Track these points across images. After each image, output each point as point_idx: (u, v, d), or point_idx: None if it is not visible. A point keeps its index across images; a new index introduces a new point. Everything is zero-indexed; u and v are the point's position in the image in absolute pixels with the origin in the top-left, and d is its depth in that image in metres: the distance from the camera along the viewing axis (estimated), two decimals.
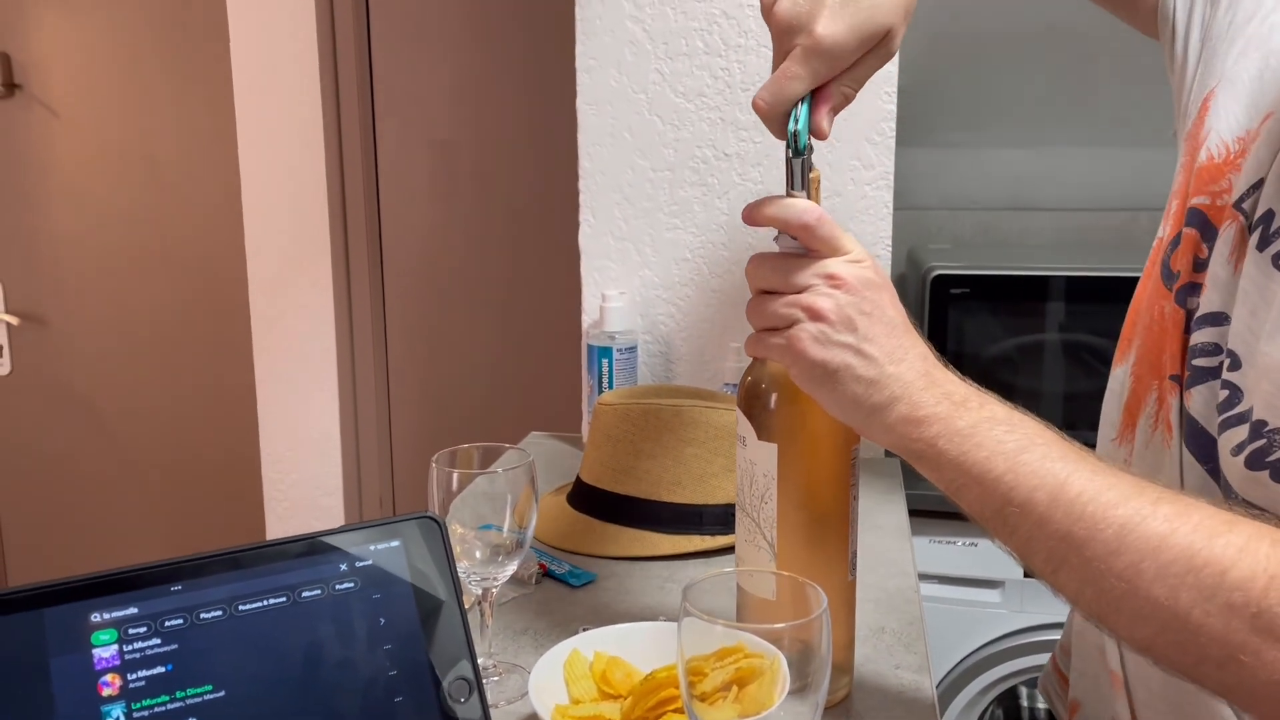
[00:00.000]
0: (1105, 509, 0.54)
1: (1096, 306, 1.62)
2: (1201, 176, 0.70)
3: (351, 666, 0.57)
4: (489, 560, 0.78)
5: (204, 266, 2.18)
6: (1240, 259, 0.62)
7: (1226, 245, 0.64)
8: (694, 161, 1.37)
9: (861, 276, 0.63)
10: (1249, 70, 0.70)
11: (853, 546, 0.74)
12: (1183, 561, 0.51)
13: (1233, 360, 0.60)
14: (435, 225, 2.07)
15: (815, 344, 0.62)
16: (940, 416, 0.60)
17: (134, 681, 0.53)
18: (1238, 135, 0.68)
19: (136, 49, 2.15)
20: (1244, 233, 0.63)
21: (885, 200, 1.35)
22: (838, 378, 0.62)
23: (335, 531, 0.59)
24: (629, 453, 1.09)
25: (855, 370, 0.61)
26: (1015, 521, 0.57)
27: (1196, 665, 0.52)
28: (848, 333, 0.62)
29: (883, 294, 0.63)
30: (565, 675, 0.73)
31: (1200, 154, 0.71)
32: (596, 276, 1.43)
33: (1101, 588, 0.53)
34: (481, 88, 1.99)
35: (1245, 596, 0.49)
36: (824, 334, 0.62)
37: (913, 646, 0.86)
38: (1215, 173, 0.69)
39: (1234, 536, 0.51)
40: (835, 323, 0.62)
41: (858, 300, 0.62)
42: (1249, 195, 0.63)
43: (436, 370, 2.11)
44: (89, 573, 0.53)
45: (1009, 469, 0.57)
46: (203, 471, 2.26)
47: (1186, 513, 0.52)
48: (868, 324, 0.62)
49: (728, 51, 1.34)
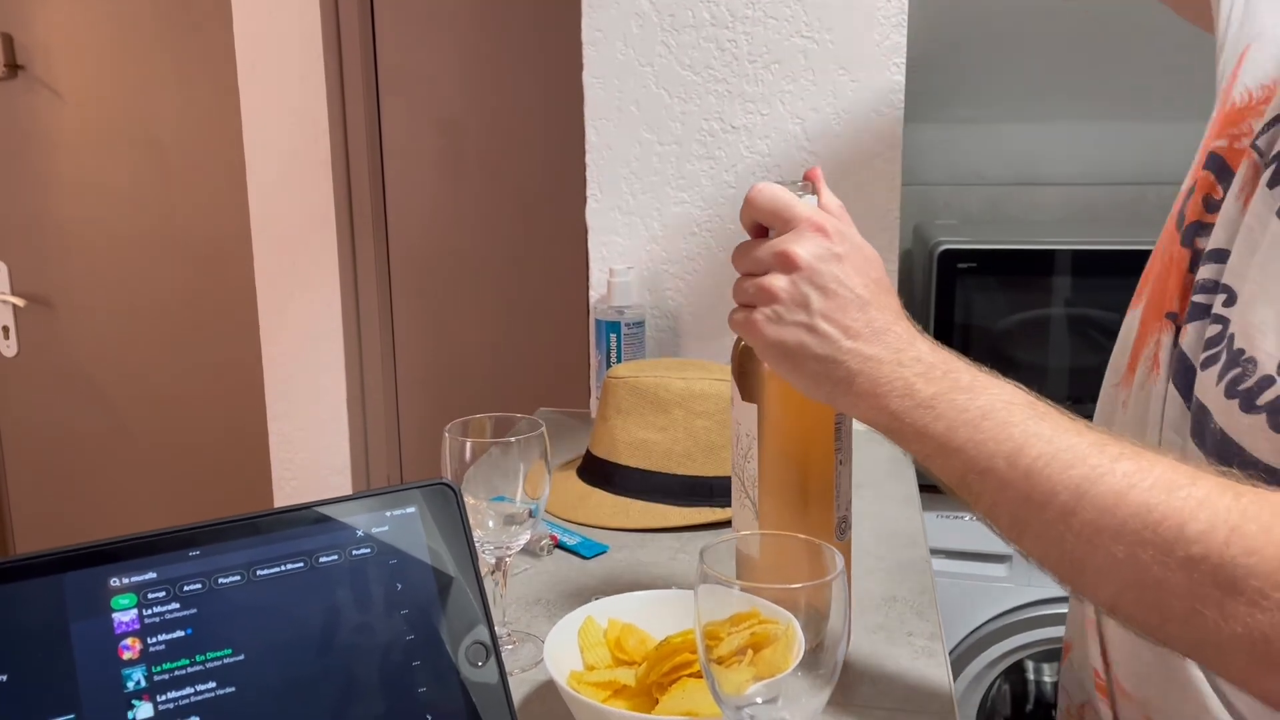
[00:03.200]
0: (1062, 469, 0.53)
1: (1104, 281, 1.62)
2: (1223, 121, 0.69)
3: (369, 631, 0.58)
4: (502, 530, 0.79)
5: (209, 247, 2.18)
6: (1250, 196, 0.62)
7: (1239, 183, 0.63)
8: (701, 134, 1.37)
9: (815, 250, 0.63)
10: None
11: (841, 510, 0.75)
12: (1140, 517, 0.50)
13: (1228, 296, 0.60)
14: (441, 203, 2.06)
15: (770, 324, 0.63)
16: (900, 391, 0.60)
17: (154, 645, 0.53)
18: (1263, 83, 0.68)
19: (139, 29, 2.14)
20: (1257, 169, 0.62)
21: (894, 173, 1.35)
22: (796, 357, 0.63)
23: (352, 498, 0.60)
24: (640, 425, 1.09)
25: (811, 349, 0.62)
26: (978, 489, 0.57)
27: (1162, 624, 0.51)
28: (801, 311, 0.62)
29: (844, 264, 0.63)
30: (580, 642, 0.73)
31: (1226, 104, 0.70)
32: (604, 251, 1.43)
33: (1064, 549, 0.53)
34: (487, 65, 1.98)
35: (1205, 549, 0.48)
36: (777, 314, 0.63)
37: (925, 614, 0.87)
38: (1237, 117, 0.68)
39: (1195, 490, 0.50)
40: (787, 302, 0.63)
41: (810, 275, 0.62)
42: (1265, 132, 0.63)
43: (443, 348, 2.11)
44: (108, 538, 0.53)
45: (969, 438, 0.57)
46: (210, 451, 2.27)
47: (1147, 469, 0.52)
48: (821, 300, 0.62)
49: (735, 23, 1.33)
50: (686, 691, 0.67)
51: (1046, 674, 1.86)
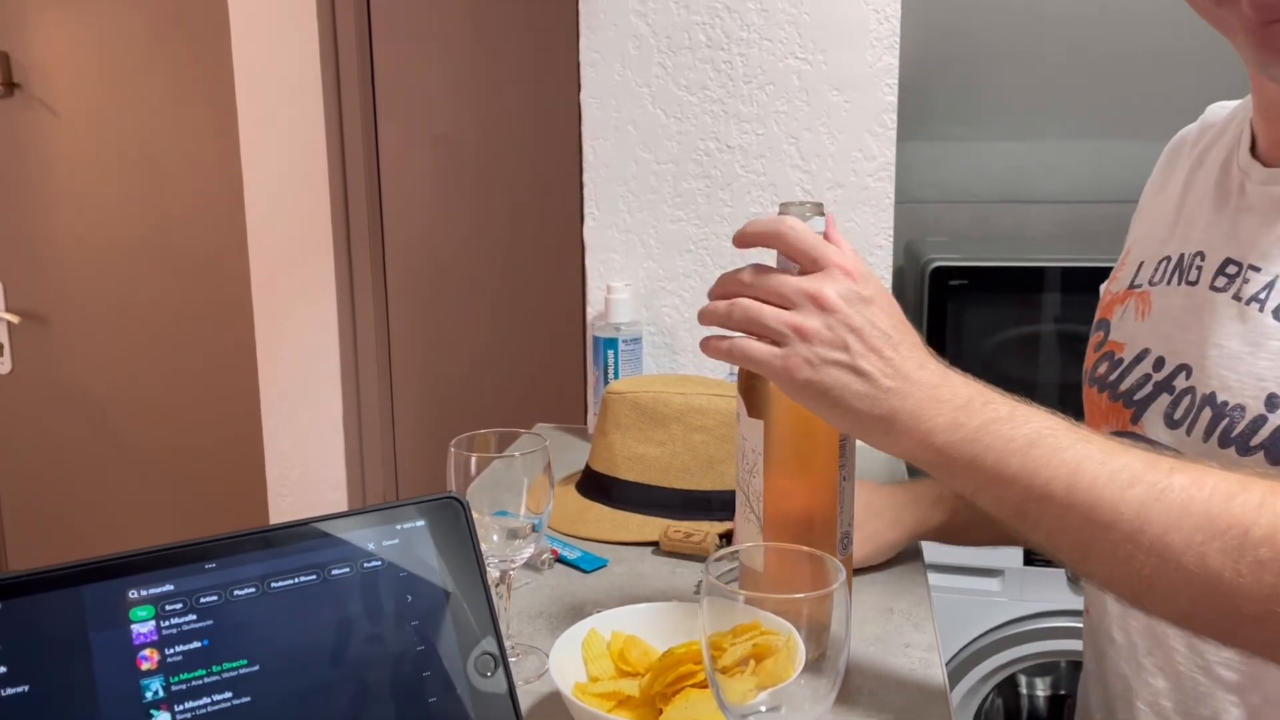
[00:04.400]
0: (1122, 489, 0.55)
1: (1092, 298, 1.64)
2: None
3: (380, 642, 0.59)
4: (505, 544, 0.80)
5: (206, 263, 2.19)
6: (1146, 310, 0.76)
7: (1129, 310, 0.78)
8: (697, 154, 1.39)
9: (847, 293, 0.64)
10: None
11: (844, 526, 0.76)
12: (1205, 527, 0.52)
13: (1186, 371, 0.70)
14: (437, 220, 2.08)
15: (808, 366, 0.63)
16: (944, 426, 0.61)
17: (171, 656, 0.54)
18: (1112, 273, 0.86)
19: (137, 48, 2.16)
20: (1144, 296, 0.77)
21: (887, 191, 1.37)
22: (834, 397, 0.63)
23: (363, 512, 0.61)
24: (638, 440, 1.11)
25: (852, 388, 0.62)
26: (1036, 517, 0.58)
27: (1236, 629, 0.53)
28: (839, 352, 0.63)
29: (872, 307, 0.64)
30: (584, 654, 0.74)
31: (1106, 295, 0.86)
32: (601, 269, 1.45)
33: (1132, 568, 0.55)
34: (483, 83, 2.00)
35: (1272, 551, 0.51)
36: (816, 355, 0.63)
37: (921, 626, 0.88)
38: (1101, 299, 0.85)
39: (1250, 495, 0.52)
40: (827, 342, 0.63)
41: (844, 318, 0.63)
42: (1141, 271, 0.79)
43: (439, 364, 2.12)
44: (125, 551, 0.55)
45: (1021, 466, 0.58)
46: (206, 467, 2.27)
47: (1200, 480, 0.54)
48: (858, 342, 0.63)
49: (730, 45, 1.35)
50: (690, 702, 0.68)
51: (1039, 688, 1.87)
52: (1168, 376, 0.72)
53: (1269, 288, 0.66)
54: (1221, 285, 0.70)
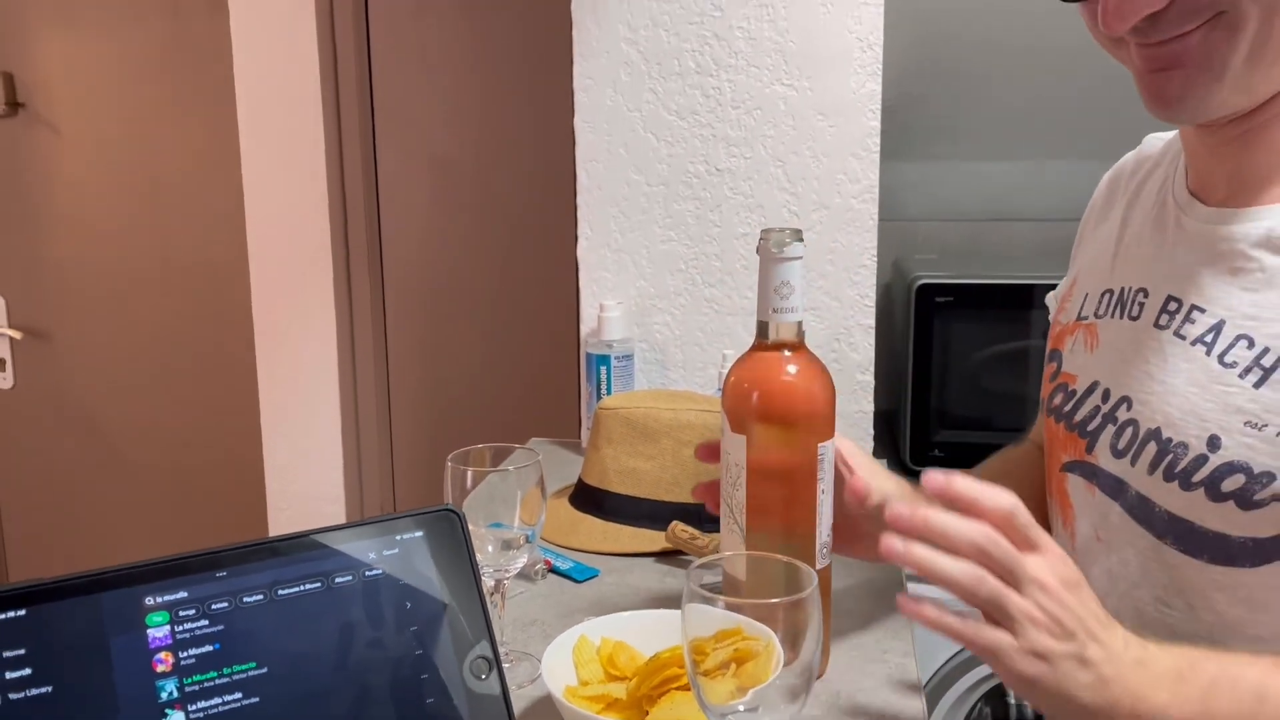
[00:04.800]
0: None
1: None
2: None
3: (381, 646, 0.62)
4: (500, 554, 0.83)
5: (207, 282, 2.22)
6: (1094, 343, 0.80)
7: (1079, 342, 0.82)
8: (687, 176, 1.43)
9: (1067, 578, 0.63)
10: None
11: (823, 536, 0.80)
12: None
13: (1127, 404, 0.74)
14: (435, 238, 2.12)
15: (1041, 660, 0.62)
16: (1168, 702, 0.62)
17: (185, 659, 0.58)
18: (1059, 302, 0.90)
19: (140, 68, 2.20)
20: (1091, 329, 0.81)
21: (871, 213, 1.41)
22: (1063, 690, 0.62)
23: (364, 523, 0.64)
24: (629, 454, 1.14)
25: (1080, 679, 0.62)
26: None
27: None
28: (1068, 642, 0.62)
29: (1083, 589, 0.64)
30: (574, 659, 0.78)
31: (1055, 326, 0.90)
32: (594, 287, 1.48)
33: None
34: (480, 106, 2.04)
35: None
36: (1048, 647, 0.62)
37: (899, 634, 0.92)
38: (1051, 329, 0.90)
39: None
40: (1056, 633, 0.62)
41: (1069, 605, 0.63)
42: (1089, 302, 0.83)
43: (437, 380, 2.16)
44: (142, 560, 0.58)
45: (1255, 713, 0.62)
46: (206, 482, 2.30)
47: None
48: (1081, 627, 0.62)
49: (718, 71, 1.40)
50: (674, 703, 0.71)
51: None
52: (1113, 407, 0.75)
53: (1214, 331, 0.70)
54: (1164, 323, 0.73)
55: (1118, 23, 0.65)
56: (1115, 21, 0.65)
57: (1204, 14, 0.64)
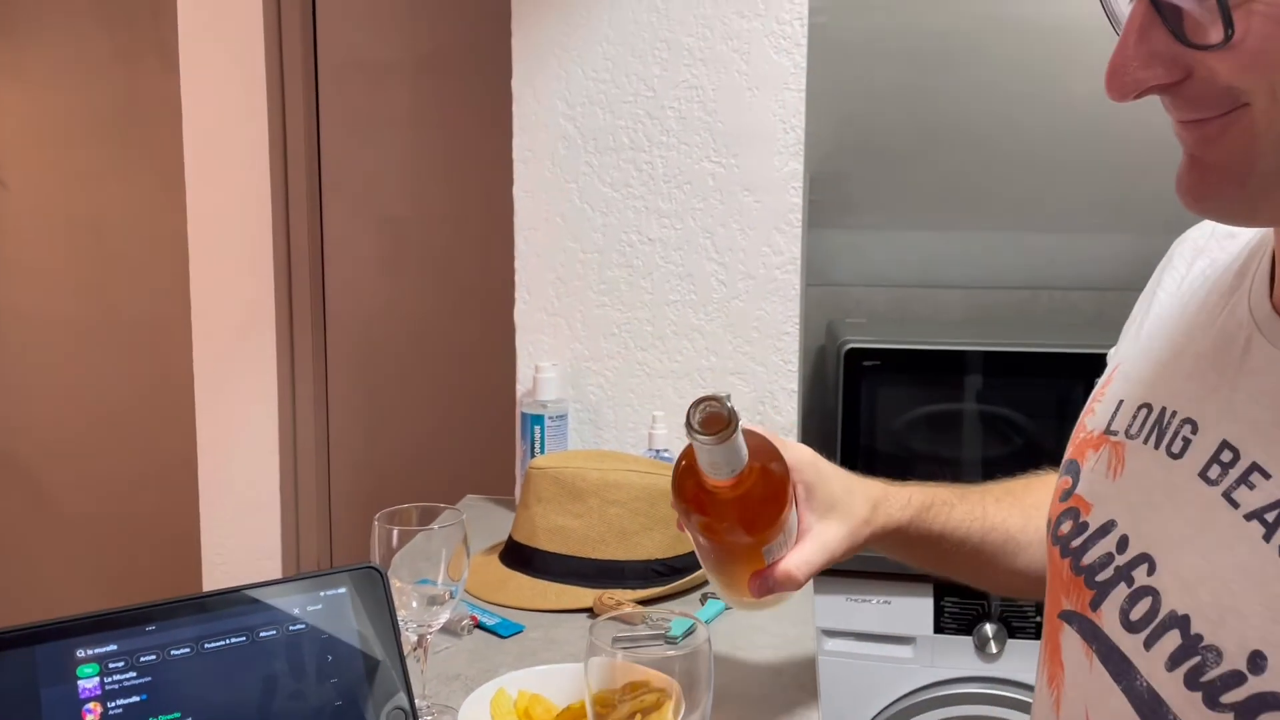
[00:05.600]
0: None
1: (1000, 379, 1.75)
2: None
3: (302, 697, 0.66)
4: (424, 610, 0.87)
5: (148, 334, 2.24)
6: (1119, 469, 0.63)
7: (1101, 463, 0.65)
8: (621, 245, 1.50)
9: None
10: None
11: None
12: None
13: (1148, 564, 0.58)
14: (378, 299, 2.16)
15: None
16: None
17: (113, 709, 0.61)
18: (1093, 394, 0.72)
19: (89, 124, 2.23)
20: (1118, 450, 0.64)
21: (793, 283, 1.48)
22: None
23: (289, 580, 0.68)
24: (558, 512, 1.19)
25: None
26: None
27: None
28: None
29: None
30: (492, 711, 0.82)
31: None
32: (530, 349, 1.54)
33: None
34: (425, 171, 2.10)
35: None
36: None
37: (806, 686, 0.97)
38: (1077, 429, 0.71)
39: None
40: None
41: None
42: (1118, 415, 0.66)
43: (376, 437, 2.18)
44: (76, 614, 0.61)
45: None
46: (142, 536, 2.29)
47: None
48: None
49: (651, 147, 1.47)
50: None
51: None
52: (1129, 563, 0.59)
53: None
54: (1214, 477, 0.56)
55: (1114, 92, 0.52)
56: (1112, 90, 0.52)
57: (1222, 104, 0.50)
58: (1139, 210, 1.94)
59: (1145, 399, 0.64)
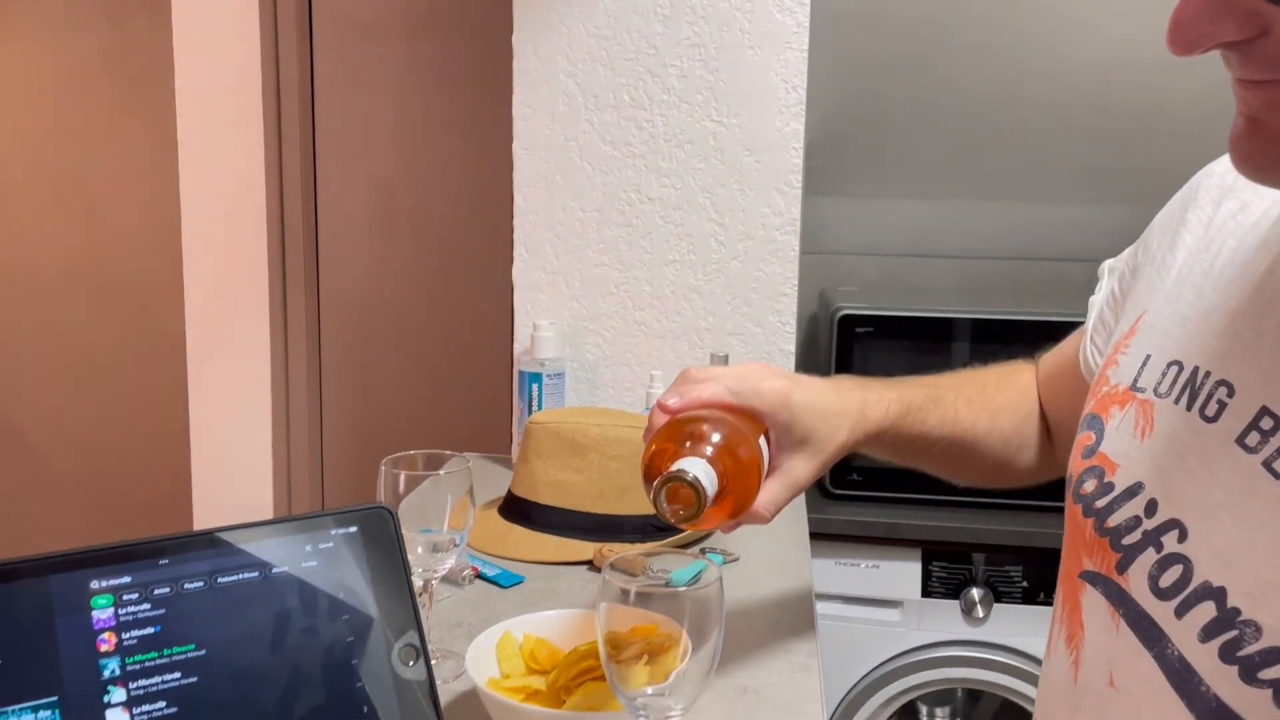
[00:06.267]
0: None
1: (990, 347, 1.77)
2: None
3: (314, 632, 0.66)
4: (429, 555, 0.88)
5: (139, 293, 2.22)
6: (1148, 429, 0.61)
7: (1128, 421, 0.63)
8: (620, 204, 1.49)
9: None
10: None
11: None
12: None
13: (1179, 531, 0.57)
14: (372, 257, 2.15)
15: None
16: None
17: (127, 640, 0.61)
18: (1115, 341, 0.70)
19: (78, 78, 2.20)
20: (1147, 409, 0.61)
21: (792, 245, 1.48)
22: None
23: (302, 517, 0.69)
24: (558, 467, 1.20)
25: None
26: None
27: None
28: None
29: None
30: (498, 654, 0.82)
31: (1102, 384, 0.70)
32: (529, 307, 1.54)
33: None
34: (421, 129, 2.09)
35: None
36: None
37: (804, 634, 0.98)
38: (1099, 380, 0.69)
39: None
40: None
41: None
42: (1145, 371, 0.63)
43: (369, 396, 2.18)
44: (89, 546, 0.62)
45: None
46: (132, 495, 2.29)
47: None
48: None
49: (652, 106, 1.47)
50: (590, 693, 0.76)
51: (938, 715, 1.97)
52: (1158, 528, 0.58)
53: None
54: (1252, 444, 0.53)
55: (1178, 46, 0.48)
56: (1175, 43, 0.48)
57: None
58: (1130, 181, 1.96)
59: (1175, 356, 0.61)
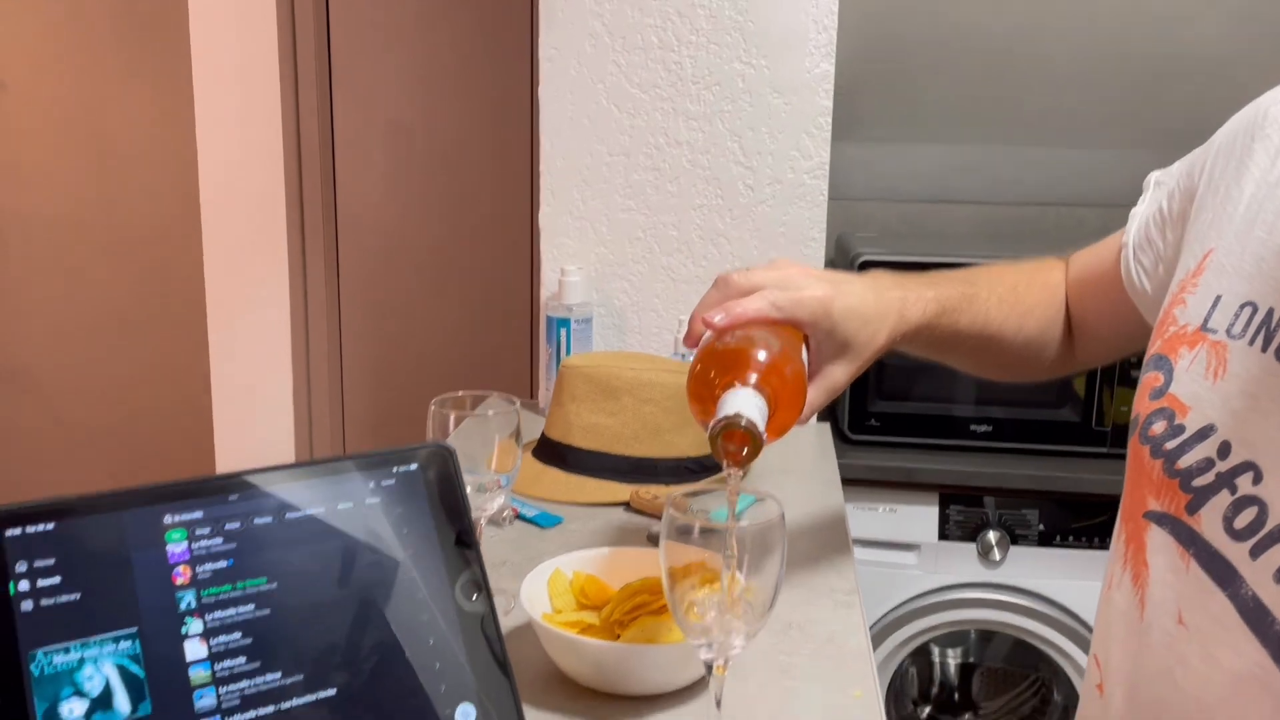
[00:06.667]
0: None
1: None
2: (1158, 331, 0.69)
3: (379, 567, 0.67)
4: (475, 494, 0.89)
5: (157, 244, 2.22)
6: (1221, 370, 0.61)
7: (1199, 362, 0.62)
8: (647, 148, 1.48)
9: None
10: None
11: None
12: None
13: (1254, 473, 0.57)
14: (390, 204, 2.14)
15: None
16: None
17: (202, 573, 0.62)
18: (1180, 279, 0.69)
19: (93, 29, 2.17)
20: (1219, 350, 0.61)
21: (821, 189, 1.48)
22: None
23: (366, 455, 0.69)
24: (592, 410, 1.20)
25: None
26: None
27: None
28: None
29: None
30: (549, 590, 0.84)
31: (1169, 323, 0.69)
32: (555, 253, 1.53)
33: None
34: (439, 73, 2.07)
35: None
36: None
37: (844, 574, 0.99)
38: (1164, 319, 0.68)
39: None
40: None
41: None
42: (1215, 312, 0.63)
43: (389, 343, 2.18)
44: (161, 482, 0.62)
45: None
46: (154, 448, 2.30)
47: None
48: None
49: (680, 47, 1.45)
50: (645, 627, 0.78)
51: (951, 656, 2.00)
52: (1232, 470, 0.58)
53: None
54: None
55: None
56: None
57: None
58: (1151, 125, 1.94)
59: (1249, 297, 0.61)
